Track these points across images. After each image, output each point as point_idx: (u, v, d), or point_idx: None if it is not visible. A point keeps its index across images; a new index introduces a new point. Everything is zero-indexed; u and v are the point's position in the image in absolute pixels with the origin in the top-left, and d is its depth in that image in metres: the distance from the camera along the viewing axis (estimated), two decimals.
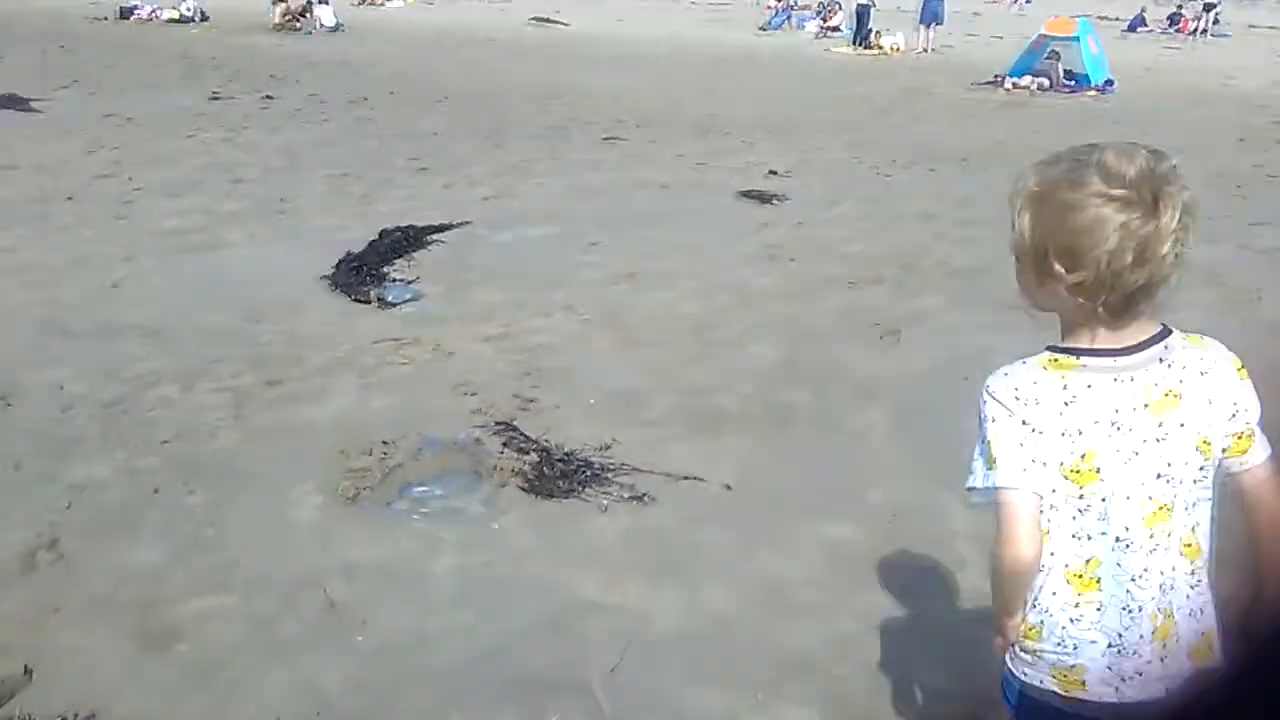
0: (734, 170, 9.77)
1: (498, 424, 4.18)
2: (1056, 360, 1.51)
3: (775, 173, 9.54)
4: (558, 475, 3.74)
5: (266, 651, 2.85)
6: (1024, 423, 1.49)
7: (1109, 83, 16.39)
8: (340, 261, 6.30)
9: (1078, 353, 1.50)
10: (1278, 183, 9.57)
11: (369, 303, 5.76)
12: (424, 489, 3.63)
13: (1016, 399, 1.49)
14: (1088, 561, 1.54)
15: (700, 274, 6.38)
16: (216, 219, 7.63)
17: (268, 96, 14.05)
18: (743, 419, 4.33)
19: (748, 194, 8.60)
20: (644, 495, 3.64)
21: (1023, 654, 1.62)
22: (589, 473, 3.78)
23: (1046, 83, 16.51)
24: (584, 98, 14.61)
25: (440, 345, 5.14)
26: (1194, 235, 1.41)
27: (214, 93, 14.28)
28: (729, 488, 3.73)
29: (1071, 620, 1.56)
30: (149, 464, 3.86)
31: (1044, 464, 1.50)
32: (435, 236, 7.07)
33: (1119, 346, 1.49)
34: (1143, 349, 1.50)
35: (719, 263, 6.65)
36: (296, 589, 3.10)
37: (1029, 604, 1.58)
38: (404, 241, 6.80)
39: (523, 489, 3.69)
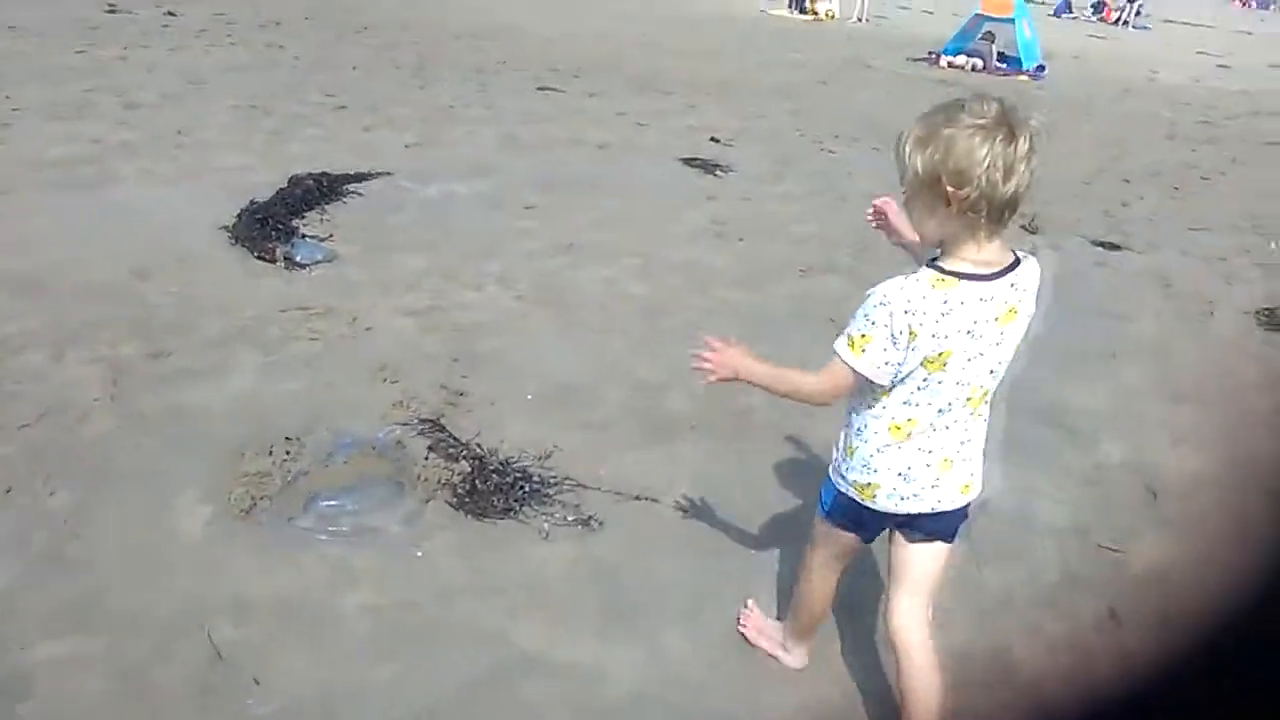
0: (676, 133, 9.27)
1: (423, 421, 3.67)
2: (943, 280, 1.89)
3: (718, 140, 9.07)
4: (492, 490, 3.27)
5: (135, 715, 2.33)
6: (901, 331, 1.90)
7: (1040, 68, 16.31)
8: (243, 211, 5.62)
9: (959, 275, 1.89)
10: (1211, 185, 9.53)
11: (275, 261, 5.13)
12: (334, 503, 3.11)
13: (906, 311, 1.89)
14: (909, 420, 2.06)
15: (645, 250, 5.90)
16: (106, 149, 6.80)
17: (169, 13, 12.91)
18: (697, 424, 3.91)
19: (691, 161, 8.12)
20: (590, 518, 3.20)
21: (838, 473, 2.24)
22: (528, 487, 3.31)
23: (980, 63, 16.36)
24: (518, 38, 13.85)
25: (357, 318, 4.57)
26: (1037, 160, 1.82)
27: (110, 4, 13.04)
28: (685, 510, 3.31)
29: (876, 452, 2.12)
30: (3, 454, 3.24)
31: (899, 363, 1.96)
32: (352, 187, 6.41)
33: (988, 272, 1.91)
34: (1003, 275, 1.92)
35: (665, 238, 6.18)
36: (176, 631, 2.57)
37: (853, 435, 2.17)
38: (317, 191, 6.13)
39: (451, 505, 3.21)
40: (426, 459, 3.44)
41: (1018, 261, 1.95)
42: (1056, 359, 4.59)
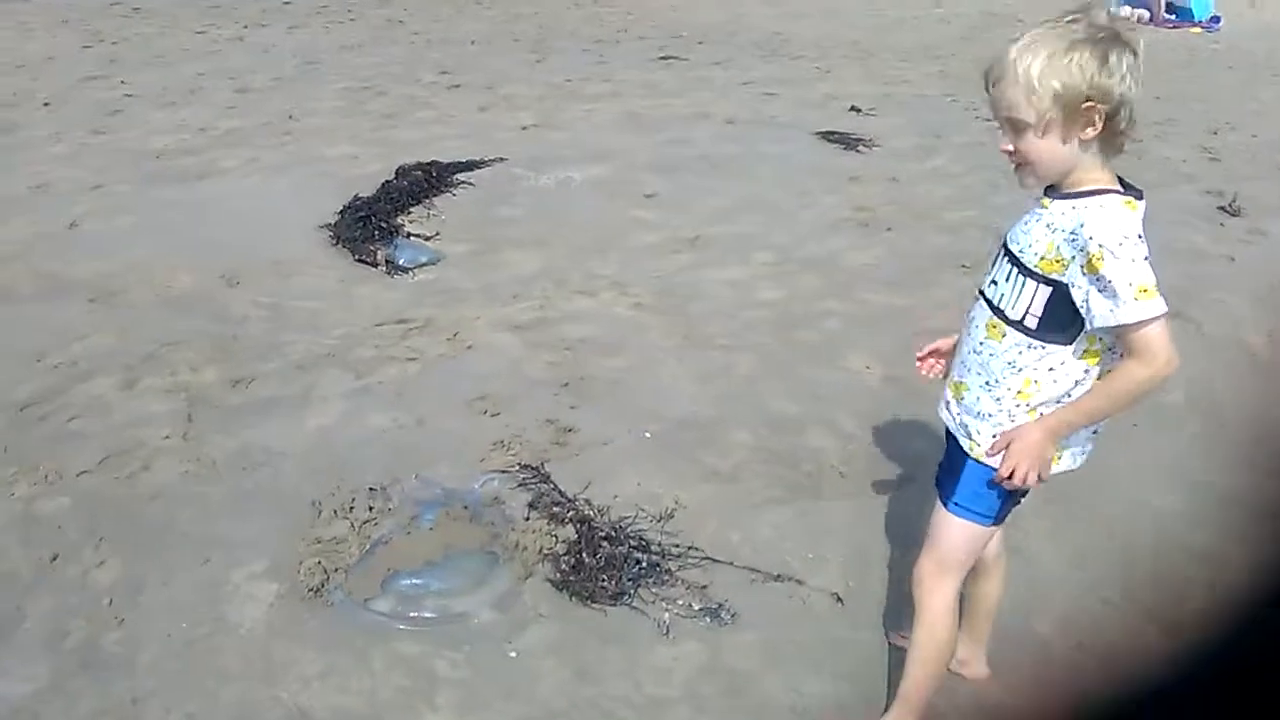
0: (809, 103, 8.49)
1: (524, 468, 3.15)
2: (1129, 201, 1.74)
3: (857, 109, 8.25)
4: (602, 564, 2.72)
5: None
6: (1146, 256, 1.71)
7: (1215, 19, 14.61)
8: (346, 207, 5.22)
9: (1138, 193, 1.76)
10: None
11: (376, 265, 4.70)
12: (417, 582, 2.62)
13: (1140, 236, 1.70)
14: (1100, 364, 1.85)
15: (779, 243, 5.23)
16: (211, 139, 6.55)
17: None
18: (847, 471, 3.26)
19: (828, 136, 7.35)
20: (721, 607, 2.61)
21: None
22: (644, 561, 2.75)
23: (1146, 15, 14.76)
24: (638, 3, 13.19)
25: (458, 334, 4.08)
26: None
27: None
28: (840, 598, 2.69)
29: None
30: (54, 508, 2.88)
31: None
32: (462, 176, 5.94)
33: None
34: None
35: (801, 228, 5.49)
36: None
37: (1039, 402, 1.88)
38: (425, 182, 5.68)
39: (553, 583, 2.68)
40: (527, 518, 2.91)
41: None
42: None
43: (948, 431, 2.07)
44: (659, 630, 2.54)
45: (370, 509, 2.93)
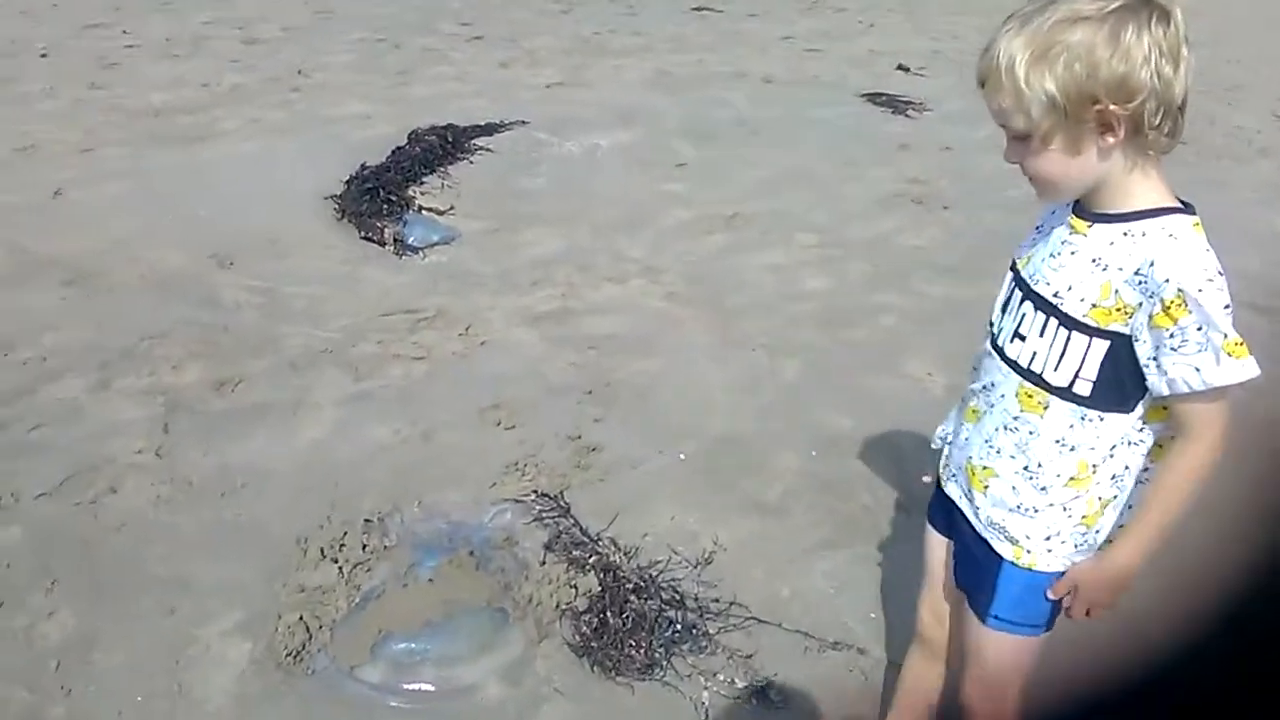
0: (854, 61, 7.93)
1: (541, 497, 2.76)
2: (1196, 222, 1.34)
3: (905, 68, 7.68)
4: (629, 625, 2.33)
5: None
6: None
7: None
8: (353, 177, 4.79)
9: (1194, 210, 1.36)
10: None
11: (384, 244, 4.29)
12: (413, 646, 2.24)
13: (1220, 271, 1.31)
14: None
15: (824, 223, 4.77)
16: (214, 96, 6.12)
17: None
18: (912, 509, 2.83)
19: (875, 98, 6.81)
20: (769, 684, 2.22)
21: (1078, 548, 1.52)
22: (680, 622, 2.36)
23: None
24: None
25: (471, 327, 3.68)
26: None
27: None
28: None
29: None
30: (4, 540, 2.51)
31: None
32: (480, 141, 5.48)
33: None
34: None
35: (847, 204, 5.02)
36: None
37: (1105, 486, 1.48)
38: (439, 148, 5.23)
39: (573, 647, 2.30)
40: (543, 562, 2.52)
41: None
42: None
43: (954, 517, 1.65)
44: (696, 714, 2.16)
45: (364, 547, 2.55)
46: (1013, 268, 1.53)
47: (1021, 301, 1.48)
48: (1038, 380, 1.45)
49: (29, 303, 3.62)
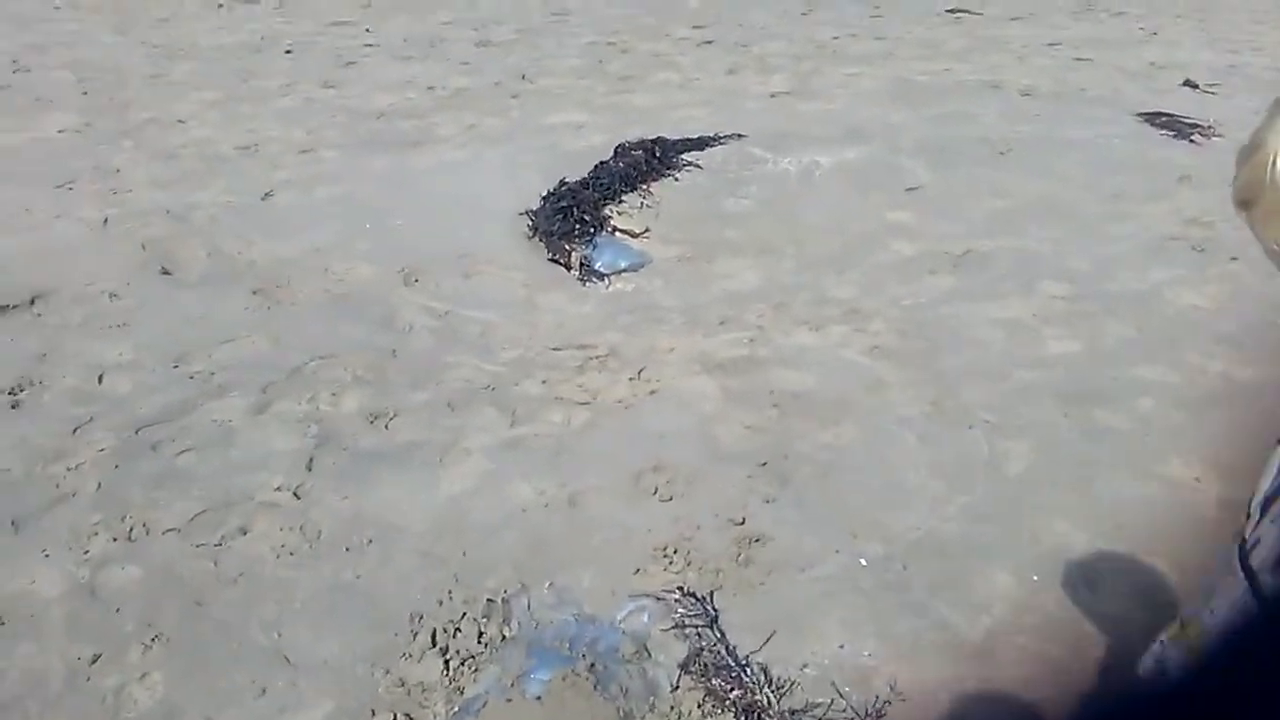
0: (1130, 74, 6.93)
1: (686, 596, 2.35)
2: None
3: (1193, 84, 6.60)
4: None
5: None
6: None
7: None
8: (551, 193, 4.56)
9: None
10: None
11: (569, 268, 4.02)
12: None
13: None
14: None
15: (1077, 269, 4.04)
16: (437, 100, 6.12)
17: None
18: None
19: (1153, 118, 5.85)
20: None
21: None
22: None
23: None
24: None
25: (645, 370, 3.32)
26: None
27: None
28: None
29: None
30: (121, 582, 2.39)
31: None
32: (690, 156, 5.11)
33: None
34: None
35: (1109, 247, 4.25)
36: None
37: None
38: (645, 163, 4.91)
39: None
40: (675, 688, 2.11)
41: None
42: None
43: None
44: None
45: (479, 636, 2.24)
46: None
47: None
48: None
49: (215, 310, 3.62)
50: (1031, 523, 2.62)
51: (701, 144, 5.26)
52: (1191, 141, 5.55)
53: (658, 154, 5.03)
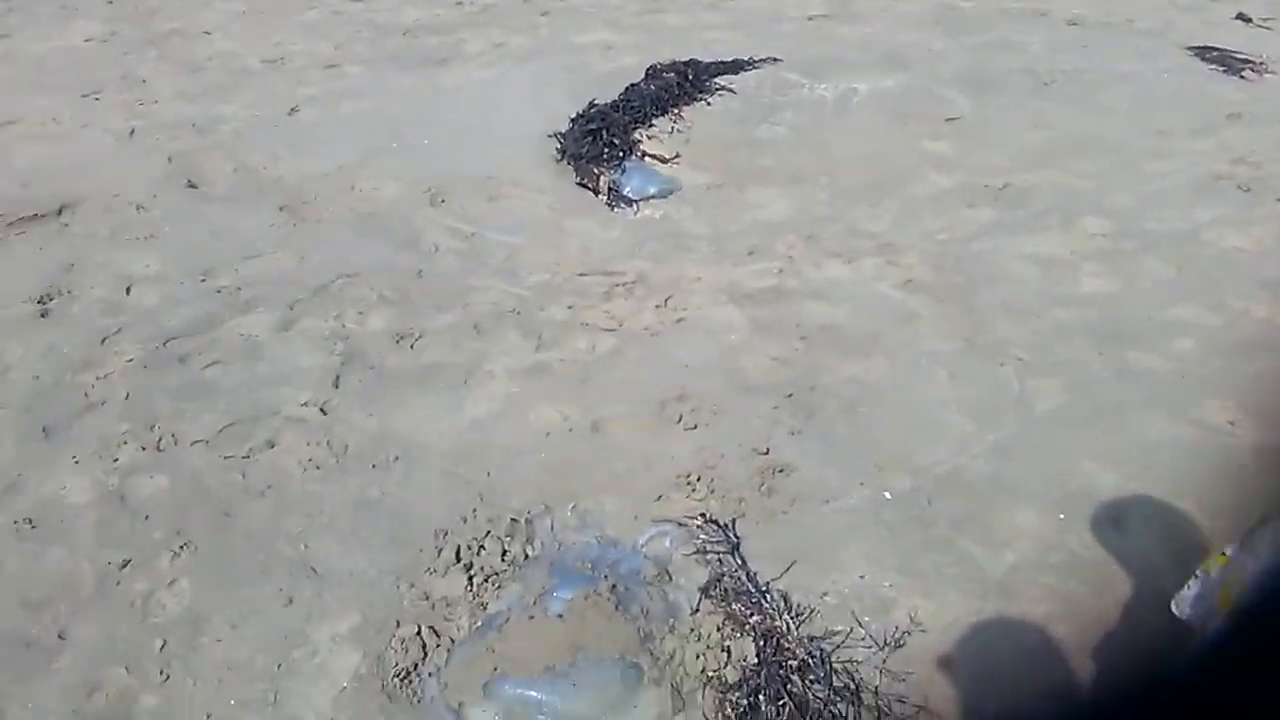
0: (1181, 5, 6.64)
1: (708, 523, 2.35)
2: None
3: (1247, 18, 6.33)
4: (783, 714, 1.90)
5: None
6: None
7: None
8: (580, 115, 4.47)
9: None
10: None
11: (598, 193, 3.95)
12: (530, 694, 1.93)
13: None
14: None
15: (1118, 206, 3.93)
16: (465, 16, 5.98)
17: None
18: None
19: (1204, 52, 5.62)
20: None
21: None
22: None
23: None
24: None
25: (672, 298, 3.28)
26: None
27: None
28: None
29: None
30: (150, 490, 2.42)
31: None
32: (724, 80, 4.98)
33: None
34: None
35: (1152, 185, 4.12)
36: None
37: None
38: (677, 86, 4.79)
39: None
40: (695, 611, 2.13)
41: None
42: None
43: None
44: None
45: (503, 554, 2.26)
46: None
47: None
48: None
49: (241, 226, 3.60)
50: (1060, 462, 2.59)
51: (735, 67, 5.13)
52: (1242, 77, 5.35)
53: (690, 77, 4.91)
